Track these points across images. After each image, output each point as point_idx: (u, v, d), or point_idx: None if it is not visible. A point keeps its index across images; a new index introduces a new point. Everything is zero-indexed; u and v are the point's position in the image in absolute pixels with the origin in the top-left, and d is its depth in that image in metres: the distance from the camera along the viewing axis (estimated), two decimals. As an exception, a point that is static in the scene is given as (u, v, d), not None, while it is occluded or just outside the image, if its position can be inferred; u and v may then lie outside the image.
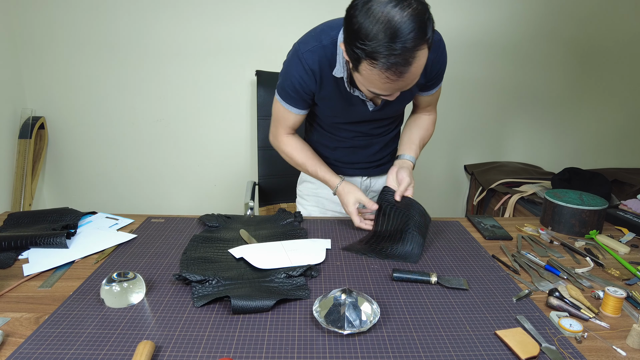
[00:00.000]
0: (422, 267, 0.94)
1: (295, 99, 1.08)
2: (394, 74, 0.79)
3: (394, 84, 0.82)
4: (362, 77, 0.85)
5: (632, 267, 0.95)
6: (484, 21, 2.19)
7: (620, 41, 2.28)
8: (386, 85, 0.83)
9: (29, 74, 2.15)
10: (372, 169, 1.28)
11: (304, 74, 1.02)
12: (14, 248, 0.95)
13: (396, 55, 0.76)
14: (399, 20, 0.74)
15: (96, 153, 2.29)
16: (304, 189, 1.35)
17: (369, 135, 1.20)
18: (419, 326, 0.73)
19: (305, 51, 1.00)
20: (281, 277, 0.85)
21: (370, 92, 0.90)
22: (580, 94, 2.37)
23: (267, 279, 0.84)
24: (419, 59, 0.79)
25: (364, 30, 0.76)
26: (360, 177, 1.29)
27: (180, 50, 2.13)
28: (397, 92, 0.89)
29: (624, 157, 2.51)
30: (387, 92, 0.87)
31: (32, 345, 0.66)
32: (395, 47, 0.75)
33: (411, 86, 0.87)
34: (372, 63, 0.78)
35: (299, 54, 1.01)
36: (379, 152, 1.25)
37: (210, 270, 0.86)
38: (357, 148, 1.22)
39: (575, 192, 1.22)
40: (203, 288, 0.80)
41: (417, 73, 0.82)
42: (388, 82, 0.81)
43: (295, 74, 1.03)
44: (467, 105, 2.34)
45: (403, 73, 0.79)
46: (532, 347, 0.66)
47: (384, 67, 0.78)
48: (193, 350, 0.66)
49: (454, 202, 2.55)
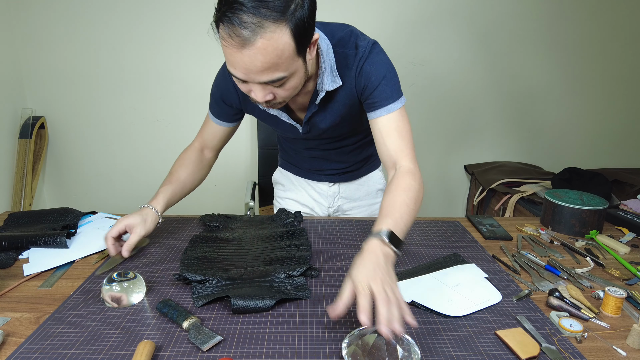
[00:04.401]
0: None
1: (215, 109, 1.06)
2: (233, 37, 0.69)
3: (239, 56, 0.71)
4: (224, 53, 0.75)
5: (632, 267, 0.95)
6: (484, 20, 2.19)
7: (620, 41, 2.28)
8: (232, 57, 0.72)
9: (29, 73, 2.15)
10: (338, 176, 1.24)
11: (225, 85, 1.00)
12: (14, 248, 0.95)
13: (240, 14, 0.67)
14: None
15: (96, 153, 2.29)
16: (277, 191, 1.36)
17: (323, 149, 1.15)
18: (419, 326, 0.73)
19: None
20: (281, 277, 0.84)
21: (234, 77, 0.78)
22: (581, 94, 2.37)
23: (267, 278, 0.84)
24: (267, 34, 0.68)
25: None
26: (328, 184, 1.25)
27: (180, 50, 2.13)
28: (249, 78, 0.75)
29: (624, 157, 2.51)
30: (238, 71, 0.74)
31: (32, 345, 0.66)
32: (243, 6, 0.67)
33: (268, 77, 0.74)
34: (219, 24, 0.71)
35: (224, 64, 0.98)
36: (342, 160, 1.19)
37: (210, 270, 0.86)
38: (317, 159, 1.20)
39: (575, 192, 1.22)
40: (203, 288, 0.80)
41: (267, 55, 0.70)
42: (232, 51, 0.71)
43: (219, 83, 1.02)
44: (467, 105, 2.34)
45: (246, 41, 0.68)
46: (532, 347, 0.66)
47: (227, 25, 0.69)
48: (193, 350, 0.66)
49: (454, 202, 2.55)
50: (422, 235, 1.10)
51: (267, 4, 0.68)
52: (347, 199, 1.28)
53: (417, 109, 2.33)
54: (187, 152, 1.12)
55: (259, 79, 0.75)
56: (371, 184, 1.28)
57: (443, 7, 2.15)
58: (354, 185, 1.27)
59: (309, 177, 1.26)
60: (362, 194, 1.28)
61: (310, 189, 1.28)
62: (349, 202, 1.28)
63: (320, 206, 1.29)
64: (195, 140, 1.14)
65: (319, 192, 1.27)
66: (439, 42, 2.22)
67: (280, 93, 0.80)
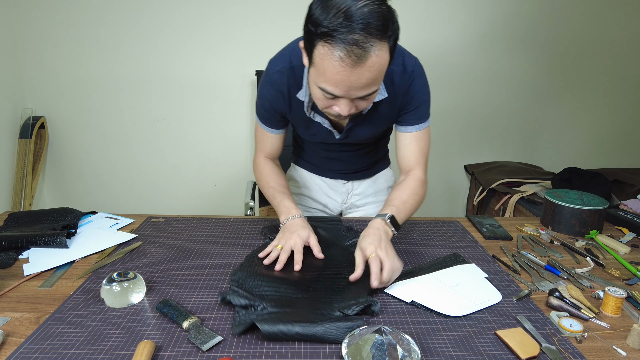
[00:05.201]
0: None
1: (268, 119, 1.07)
2: (349, 55, 0.71)
3: (347, 74, 0.74)
4: (316, 68, 0.77)
5: (632, 267, 0.95)
6: (485, 20, 2.19)
7: (620, 40, 2.28)
8: (339, 76, 0.74)
9: (30, 73, 2.15)
10: (352, 174, 1.27)
11: (274, 94, 1.01)
12: (14, 248, 0.95)
13: (353, 33, 0.70)
14: (365, 5, 0.70)
15: (96, 153, 2.29)
16: (290, 187, 1.33)
17: (343, 151, 1.19)
18: (418, 326, 0.73)
19: (275, 72, 0.98)
20: (335, 314, 0.73)
21: (322, 93, 0.80)
22: (581, 94, 2.37)
23: (318, 312, 0.73)
24: (376, 52, 0.72)
25: (327, 8, 0.71)
26: (342, 181, 1.28)
27: (180, 50, 2.14)
28: (349, 95, 0.79)
29: (624, 157, 2.51)
30: (339, 89, 0.77)
31: (33, 345, 0.66)
32: (354, 26, 0.69)
33: (366, 91, 0.78)
34: (328, 41, 0.72)
35: (269, 74, 0.99)
36: (358, 162, 1.24)
37: (258, 293, 0.78)
38: (334, 160, 1.22)
39: (575, 192, 1.22)
40: (246, 315, 0.72)
41: (373, 72, 0.75)
42: (341, 69, 0.73)
43: (266, 94, 1.02)
44: (468, 105, 2.34)
45: (359, 59, 0.72)
46: (532, 347, 0.66)
47: (340, 44, 0.71)
48: (193, 350, 0.66)
49: (454, 202, 2.55)
50: (422, 235, 1.10)
51: (375, 24, 0.71)
52: (360, 195, 1.31)
53: (417, 109, 2.32)
54: (265, 165, 1.13)
55: (358, 94, 0.79)
56: (382, 181, 1.33)
57: (442, 6, 2.15)
58: (366, 183, 1.30)
59: (324, 174, 1.28)
60: (373, 190, 1.32)
61: (324, 186, 1.30)
62: (361, 198, 1.31)
63: (334, 202, 1.31)
64: (259, 156, 1.15)
65: (333, 189, 1.30)
66: (439, 41, 2.22)
67: (362, 105, 0.85)
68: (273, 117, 1.06)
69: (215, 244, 1.03)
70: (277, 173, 1.12)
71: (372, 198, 1.32)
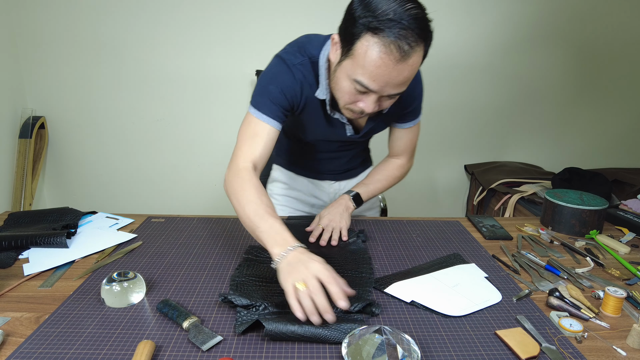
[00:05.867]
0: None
1: (275, 109, 0.92)
2: (397, 50, 0.73)
3: (388, 69, 0.75)
4: (354, 60, 0.77)
5: (632, 267, 0.95)
6: (485, 20, 2.19)
7: (621, 41, 2.28)
8: (380, 70, 0.75)
9: (30, 73, 2.15)
10: (341, 174, 1.28)
11: (293, 83, 0.93)
12: (14, 248, 0.95)
13: (407, 30, 0.72)
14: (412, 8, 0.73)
15: (96, 153, 2.29)
16: (275, 188, 1.33)
17: (339, 151, 1.19)
18: (418, 326, 0.73)
19: (297, 63, 0.93)
20: (336, 311, 0.72)
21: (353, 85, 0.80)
22: (581, 94, 2.37)
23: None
24: (417, 52, 0.75)
25: (376, 3, 0.73)
26: (330, 182, 1.29)
27: (180, 49, 2.14)
28: (382, 91, 0.79)
29: (624, 157, 2.51)
30: (376, 83, 0.78)
31: (33, 344, 0.66)
32: (404, 23, 0.72)
33: (399, 89, 0.80)
34: (377, 33, 0.73)
35: (289, 64, 0.93)
36: (348, 162, 1.26)
37: (259, 292, 0.78)
38: (325, 160, 1.22)
39: (575, 192, 1.22)
40: (248, 315, 0.72)
41: (411, 71, 0.77)
42: (385, 63, 0.74)
43: (284, 79, 0.92)
44: (468, 105, 2.34)
45: (404, 55, 0.73)
46: (532, 347, 0.66)
47: (390, 37, 0.72)
48: (193, 350, 0.66)
49: (454, 202, 2.55)
50: (422, 235, 1.10)
51: (421, 23, 0.73)
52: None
53: (417, 109, 2.32)
54: (252, 176, 0.88)
55: (390, 91, 0.80)
56: None
57: (442, 6, 2.15)
58: (353, 182, 1.30)
59: (312, 176, 1.28)
60: None
61: (312, 187, 1.29)
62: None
63: (321, 202, 1.31)
64: (244, 160, 0.90)
65: (321, 190, 1.30)
66: (439, 41, 2.22)
67: (385, 104, 0.86)
68: (279, 103, 0.92)
69: (215, 244, 1.03)
70: (264, 192, 0.87)
71: None
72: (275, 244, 0.77)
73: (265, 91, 0.92)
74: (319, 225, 1.05)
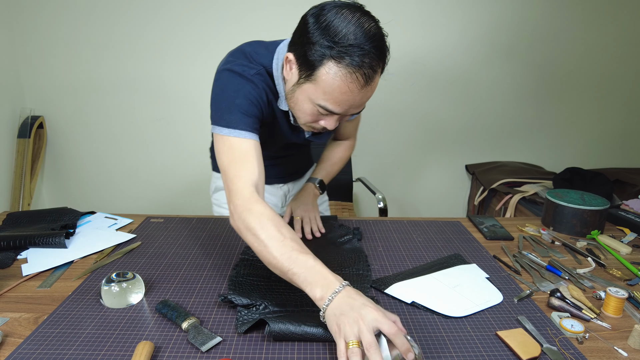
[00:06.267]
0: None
1: (250, 121, 0.84)
2: (362, 76, 0.73)
3: (353, 95, 0.75)
4: (317, 86, 0.76)
5: (633, 267, 0.94)
6: (485, 21, 2.19)
7: (621, 40, 2.28)
8: (345, 96, 0.75)
9: (28, 73, 2.15)
10: (289, 176, 1.29)
11: (260, 93, 0.87)
12: (12, 248, 0.95)
13: (369, 55, 0.72)
14: (370, 27, 0.73)
15: (95, 152, 2.29)
16: (222, 197, 1.27)
17: (290, 156, 1.21)
18: (419, 326, 0.73)
19: (254, 74, 0.86)
20: None
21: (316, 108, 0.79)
22: (582, 93, 2.37)
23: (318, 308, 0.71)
24: (378, 74, 0.77)
25: (334, 27, 0.71)
26: (279, 185, 1.28)
27: (179, 49, 2.13)
28: (346, 112, 0.80)
29: (625, 157, 2.51)
30: (340, 108, 0.77)
31: (31, 345, 0.66)
32: (368, 49, 0.71)
33: (360, 108, 0.82)
34: (340, 62, 0.71)
35: (245, 76, 0.85)
36: (299, 163, 1.29)
37: (259, 292, 0.78)
38: (275, 165, 1.21)
39: (576, 192, 1.21)
40: (249, 314, 0.72)
41: (373, 91, 0.78)
42: (350, 90, 0.74)
43: (251, 90, 0.85)
44: (468, 105, 2.34)
45: (368, 81, 0.74)
46: (533, 347, 0.66)
47: (355, 66, 0.71)
48: (192, 350, 0.65)
49: (455, 202, 2.54)
50: (422, 236, 1.10)
51: (379, 43, 0.74)
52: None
53: (417, 109, 2.32)
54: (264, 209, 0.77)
55: (354, 111, 0.82)
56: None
57: (443, 7, 2.15)
58: (300, 183, 1.33)
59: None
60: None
61: None
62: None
63: (274, 207, 1.28)
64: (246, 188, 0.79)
65: (271, 194, 1.28)
66: (440, 41, 2.21)
67: (346, 118, 0.88)
68: (256, 117, 0.86)
69: (214, 244, 1.02)
70: (282, 222, 0.76)
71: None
72: (316, 286, 0.66)
73: (234, 106, 0.83)
74: (297, 218, 1.10)
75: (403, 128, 2.35)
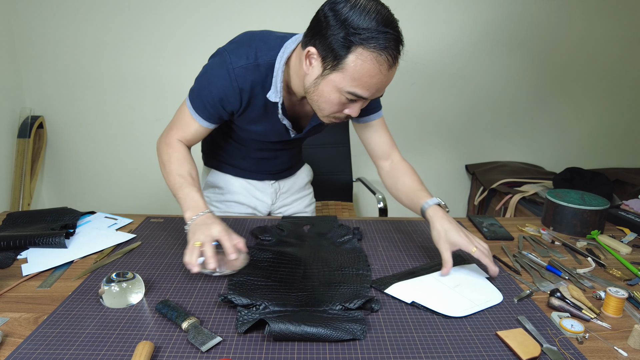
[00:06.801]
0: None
1: (208, 112, 0.97)
2: (391, 57, 0.77)
3: (382, 77, 0.80)
4: (346, 73, 0.79)
5: (633, 267, 0.94)
6: (485, 20, 2.19)
7: (621, 40, 2.28)
8: (375, 79, 0.79)
9: (28, 73, 2.14)
10: (280, 173, 1.28)
11: (230, 91, 0.93)
12: (12, 248, 0.95)
13: (393, 38, 0.77)
14: (387, 14, 0.77)
15: (95, 152, 2.29)
16: (212, 195, 1.28)
17: (280, 150, 1.19)
18: (419, 326, 0.73)
19: (238, 67, 0.91)
20: (336, 308, 0.75)
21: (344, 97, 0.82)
22: (582, 93, 2.37)
23: (320, 309, 0.75)
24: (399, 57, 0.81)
25: (356, 16, 0.76)
26: (270, 181, 1.27)
27: (179, 49, 2.13)
28: (373, 96, 0.84)
29: (625, 157, 2.51)
30: (369, 92, 0.82)
31: (31, 345, 0.66)
32: (391, 32, 0.76)
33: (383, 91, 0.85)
34: (367, 47, 0.76)
35: (229, 67, 0.91)
36: (287, 161, 1.26)
37: (259, 292, 0.79)
38: (266, 160, 1.20)
39: (576, 192, 1.21)
40: (249, 314, 0.73)
41: (392, 77, 0.83)
42: (379, 71, 0.78)
43: (219, 86, 0.93)
44: (468, 104, 2.34)
45: (395, 60, 0.79)
46: (533, 347, 0.66)
47: (384, 49, 0.76)
48: (192, 350, 0.65)
49: (455, 202, 2.54)
50: (422, 236, 1.10)
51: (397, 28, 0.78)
52: (287, 192, 1.33)
53: (417, 108, 2.32)
54: (179, 148, 1.00)
55: (378, 94, 0.85)
56: (304, 176, 1.37)
57: (444, 6, 2.15)
58: (291, 180, 1.33)
59: (251, 177, 1.25)
60: (298, 186, 1.35)
61: (252, 189, 1.26)
62: (289, 195, 1.34)
63: (263, 204, 1.29)
64: (174, 135, 1.01)
65: (261, 191, 1.27)
66: (440, 41, 2.21)
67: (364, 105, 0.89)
68: (215, 110, 0.96)
69: (214, 244, 1.02)
70: (190, 162, 1.00)
71: (298, 194, 1.35)
72: (188, 209, 0.90)
73: (202, 95, 0.96)
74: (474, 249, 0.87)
75: (403, 128, 2.35)
